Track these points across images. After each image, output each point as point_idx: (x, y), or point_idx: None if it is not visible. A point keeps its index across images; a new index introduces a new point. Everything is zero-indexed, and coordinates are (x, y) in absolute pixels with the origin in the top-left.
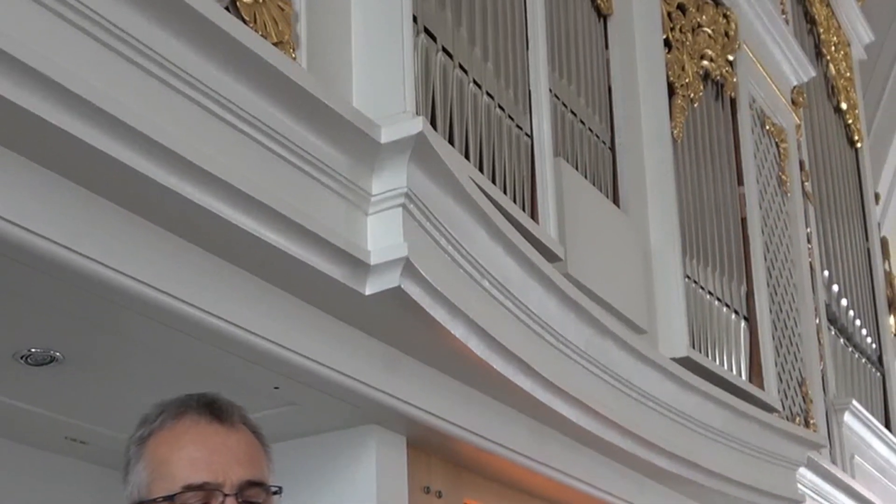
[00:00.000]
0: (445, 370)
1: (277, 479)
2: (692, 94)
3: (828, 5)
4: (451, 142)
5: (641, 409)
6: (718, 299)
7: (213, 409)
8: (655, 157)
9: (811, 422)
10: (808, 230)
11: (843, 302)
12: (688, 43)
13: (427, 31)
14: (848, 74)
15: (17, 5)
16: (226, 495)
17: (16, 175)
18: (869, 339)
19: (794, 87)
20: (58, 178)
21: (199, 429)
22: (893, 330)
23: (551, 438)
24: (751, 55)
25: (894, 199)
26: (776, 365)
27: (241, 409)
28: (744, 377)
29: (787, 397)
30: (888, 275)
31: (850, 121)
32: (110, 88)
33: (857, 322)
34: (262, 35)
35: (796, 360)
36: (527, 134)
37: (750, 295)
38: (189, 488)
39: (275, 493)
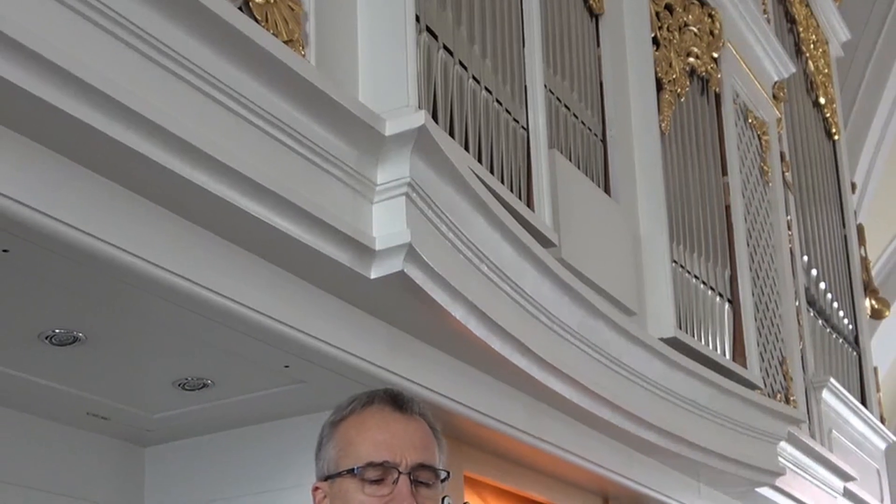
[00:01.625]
0: (446, 350)
1: (290, 453)
2: (679, 90)
3: (807, 5)
4: (451, 134)
5: (631, 386)
6: (704, 283)
7: (397, 400)
8: (644, 148)
9: (791, 398)
10: (789, 218)
11: (822, 285)
12: (675, 41)
13: (429, 30)
14: (826, 71)
15: (44, 7)
16: (400, 473)
17: (45, 168)
18: (846, 321)
19: (776, 83)
20: (83, 171)
21: (383, 415)
22: (869, 312)
23: (546, 414)
24: (734, 53)
25: (870, 189)
26: (758, 345)
27: (421, 404)
28: (727, 356)
29: (768, 375)
30: (864, 260)
31: (827, 114)
32: (132, 85)
33: (835, 304)
34: (273, 34)
35: (777, 340)
36: (523, 127)
37: (733, 279)
38: (371, 465)
39: (443, 479)
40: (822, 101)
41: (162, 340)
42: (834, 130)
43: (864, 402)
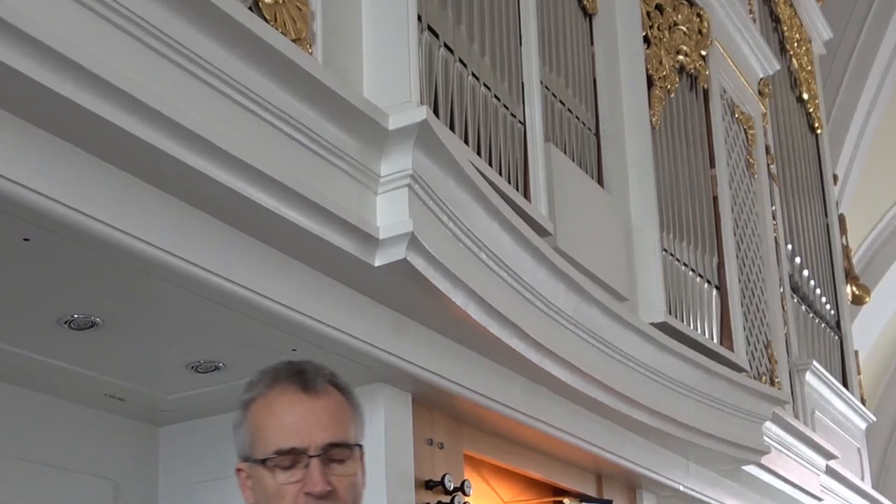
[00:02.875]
0: (447, 334)
1: None
2: (669, 86)
3: (791, 5)
4: (451, 128)
5: (623, 369)
6: (692, 270)
7: (301, 378)
8: (636, 142)
9: (776, 380)
10: (773, 208)
11: (805, 272)
12: (665, 39)
13: (430, 28)
14: (809, 68)
15: (66, 9)
16: (310, 457)
17: (64, 161)
18: (828, 306)
19: (761, 79)
20: (101, 163)
21: (289, 397)
22: (850, 298)
23: (542, 395)
24: (722, 50)
25: (851, 180)
26: (744, 329)
27: (329, 374)
28: (715, 340)
29: (754, 358)
30: (845, 248)
31: (810, 109)
32: (148, 82)
33: (818, 291)
34: (281, 32)
35: (762, 324)
36: (520, 121)
37: (721, 266)
38: (279, 452)
39: (358, 448)
40: (805, 96)
41: (175, 325)
42: (817, 125)
43: (845, 384)
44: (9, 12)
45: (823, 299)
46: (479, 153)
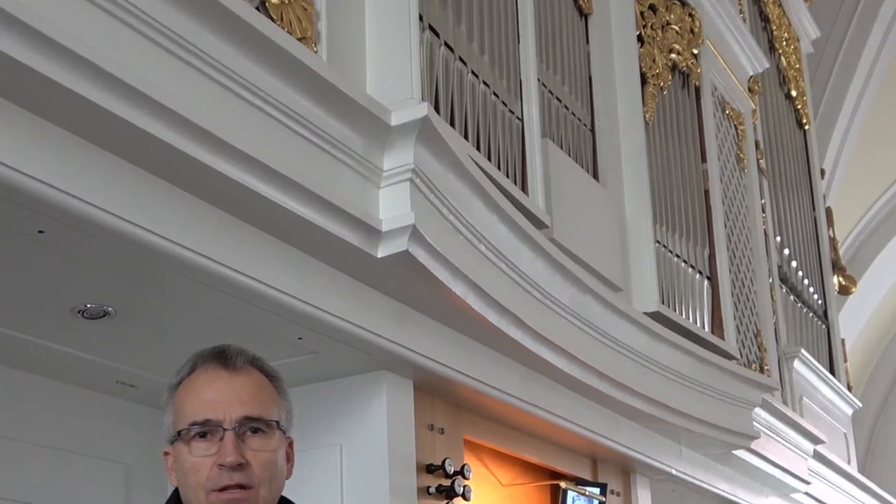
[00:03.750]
0: (447, 323)
1: (304, 418)
2: (662, 83)
3: (780, 5)
4: (452, 124)
5: (617, 356)
6: (685, 261)
7: (222, 357)
8: (630, 137)
9: (765, 368)
10: (763, 201)
11: (793, 264)
12: (658, 38)
13: (431, 28)
14: (797, 66)
15: (82, 11)
16: (225, 430)
17: (78, 156)
18: (815, 296)
19: (751, 77)
20: (113, 158)
21: (208, 374)
22: (837, 288)
23: (539, 382)
24: (713, 49)
25: (837, 174)
26: (735, 318)
27: (251, 356)
28: (707, 329)
29: (744, 346)
30: (832, 240)
31: (799, 106)
32: (159, 80)
33: (805, 281)
34: (288, 31)
35: (752, 314)
36: (518, 118)
37: (712, 257)
38: (195, 424)
39: (276, 425)
40: (793, 93)
41: (185, 314)
42: (805, 121)
43: (832, 372)
44: (27, 14)
45: (811, 289)
46: (478, 148)
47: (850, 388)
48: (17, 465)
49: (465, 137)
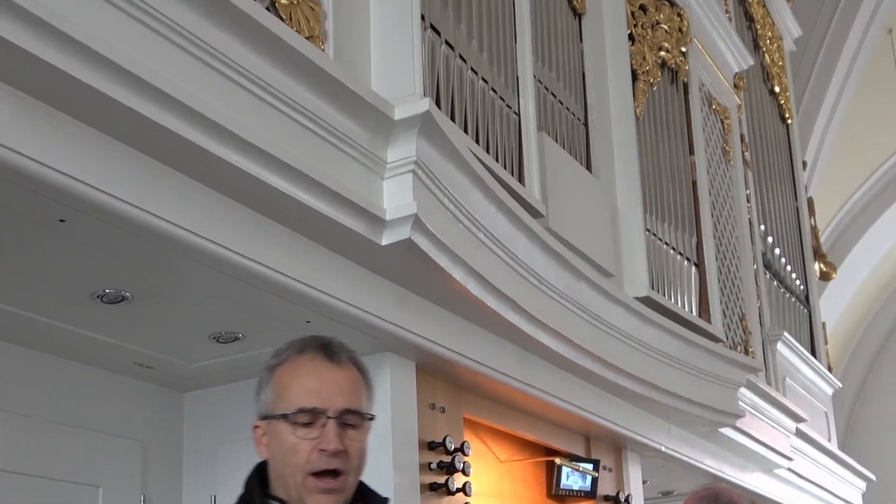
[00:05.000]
0: (448, 307)
1: None
2: (652, 80)
3: (764, 5)
4: (452, 118)
5: (610, 339)
6: (673, 248)
7: (328, 349)
8: (621, 131)
9: (750, 350)
10: (748, 192)
11: (777, 251)
12: (648, 37)
13: (433, 27)
14: (780, 63)
15: (103, 12)
16: (328, 418)
17: (97, 148)
18: (798, 282)
19: (736, 74)
20: (130, 150)
21: (315, 364)
22: (818, 274)
23: (535, 363)
24: (700, 47)
25: (819, 166)
26: (721, 303)
27: (351, 351)
28: (694, 313)
29: (730, 329)
30: (814, 229)
31: (782, 101)
32: (173, 76)
33: (788, 268)
34: (296, 30)
35: (738, 298)
36: (515, 112)
37: (699, 245)
38: (302, 410)
39: (369, 419)
40: (776, 89)
41: (199, 299)
42: (787, 115)
43: (813, 353)
44: (50, 15)
45: (794, 275)
46: (477, 141)
47: (830, 369)
48: (39, 441)
49: (465, 131)
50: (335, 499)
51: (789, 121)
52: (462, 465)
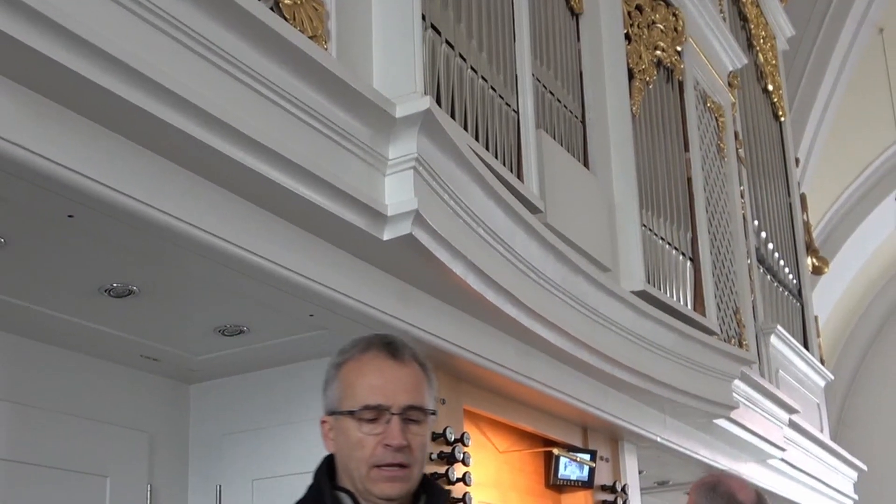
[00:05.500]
0: (448, 301)
1: (315, 389)
2: (647, 78)
3: (757, 5)
4: (452, 116)
5: (606, 332)
6: (668, 243)
7: (391, 347)
8: (618, 129)
9: (744, 343)
10: (742, 188)
11: (770, 246)
12: (644, 36)
13: (433, 27)
14: (773, 62)
15: (113, 13)
16: (392, 414)
17: (105, 146)
18: (790, 276)
19: (730, 72)
20: (138, 148)
21: (379, 362)
22: (810, 268)
23: (533, 356)
24: (695, 46)
25: (811, 163)
26: (715, 297)
27: (413, 349)
28: (689, 306)
29: (724, 323)
30: (806, 224)
31: (775, 99)
32: (179, 74)
33: (781, 262)
34: (300, 30)
35: (732, 292)
36: (514, 110)
37: (694, 240)
38: (367, 407)
39: (431, 414)
40: (770, 87)
41: (204, 293)
42: (780, 113)
43: (806, 346)
44: (58, 14)
45: (786, 270)
46: (476, 138)
47: (822, 362)
48: (48, 432)
49: (465, 129)
50: (400, 486)
51: (782, 118)
52: (462, 455)
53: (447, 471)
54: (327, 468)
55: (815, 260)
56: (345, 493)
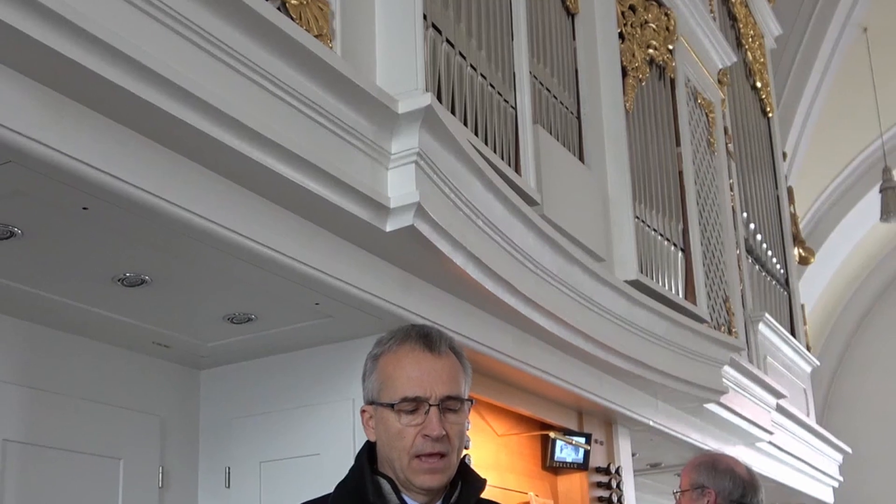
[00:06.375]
0: (448, 290)
1: (321, 375)
2: (640, 76)
3: (746, 6)
4: (452, 112)
5: (601, 320)
6: (661, 235)
7: (427, 340)
8: (612, 124)
9: (733, 330)
10: (731, 181)
11: (758, 237)
12: (637, 35)
13: (434, 26)
14: (762, 60)
15: (127, 14)
16: (430, 405)
17: (119, 140)
18: (778, 266)
19: (720, 70)
20: (150, 142)
21: (416, 355)
22: (797, 259)
23: (531, 343)
24: (686, 45)
25: (798, 157)
26: (706, 286)
27: (449, 339)
28: (681, 295)
29: (714, 311)
30: (793, 216)
31: (763, 96)
32: (190, 72)
33: (769, 252)
34: (306, 29)
35: (721, 282)
36: (511, 106)
37: (685, 231)
38: (406, 399)
39: (468, 402)
40: (758, 85)
41: (214, 282)
42: (768, 109)
43: (793, 334)
44: (75, 14)
45: (774, 260)
46: (476, 134)
47: (808, 349)
48: (64, 416)
49: (465, 124)
50: (440, 478)
51: (770, 114)
52: None
53: None
54: (368, 454)
55: (801, 250)
56: (384, 479)
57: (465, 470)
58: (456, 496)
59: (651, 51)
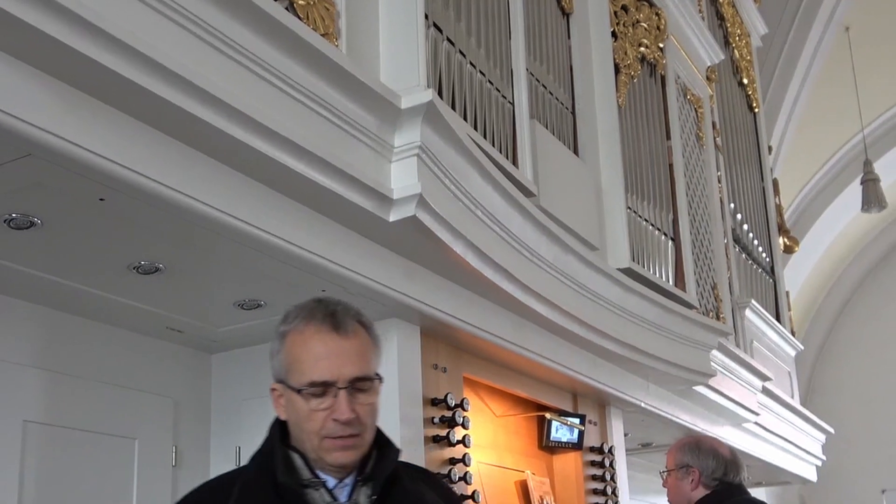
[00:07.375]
0: (449, 277)
1: None
2: (632, 73)
3: (733, 5)
4: (453, 107)
5: (595, 306)
6: (652, 224)
7: (333, 319)
8: (605, 119)
9: (721, 316)
10: (719, 173)
11: (745, 227)
12: (629, 34)
13: (435, 25)
14: (748, 57)
15: (141, 14)
16: (339, 388)
17: (134, 134)
18: (764, 255)
19: (708, 67)
20: (163, 136)
21: (322, 336)
22: (782, 248)
23: (528, 328)
24: (676, 43)
25: (783, 151)
26: (695, 273)
27: (356, 314)
28: (671, 282)
29: (703, 297)
30: (778, 206)
31: (749, 92)
32: (204, 70)
33: (755, 242)
34: (313, 28)
35: (710, 269)
36: (509, 102)
37: (675, 221)
38: (313, 384)
39: (378, 380)
40: (745, 81)
41: (225, 270)
42: (754, 105)
43: (778, 319)
44: (92, 14)
45: (760, 249)
46: (475, 128)
47: (793, 333)
48: (82, 398)
49: (465, 119)
50: (353, 454)
51: (756, 109)
52: (462, 419)
53: (448, 433)
54: (280, 428)
55: (786, 240)
56: (297, 455)
57: (381, 440)
58: (370, 467)
59: (642, 49)
